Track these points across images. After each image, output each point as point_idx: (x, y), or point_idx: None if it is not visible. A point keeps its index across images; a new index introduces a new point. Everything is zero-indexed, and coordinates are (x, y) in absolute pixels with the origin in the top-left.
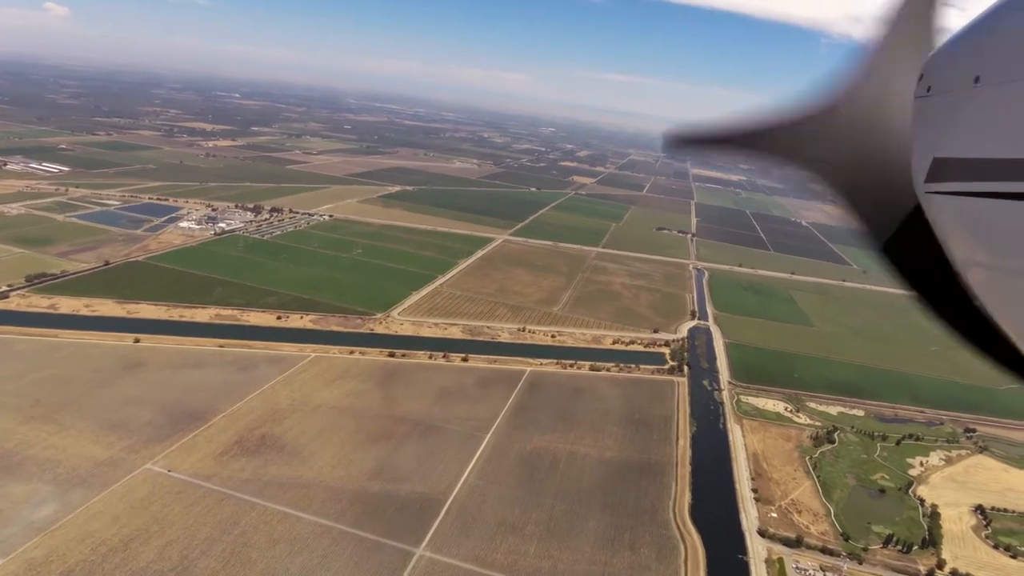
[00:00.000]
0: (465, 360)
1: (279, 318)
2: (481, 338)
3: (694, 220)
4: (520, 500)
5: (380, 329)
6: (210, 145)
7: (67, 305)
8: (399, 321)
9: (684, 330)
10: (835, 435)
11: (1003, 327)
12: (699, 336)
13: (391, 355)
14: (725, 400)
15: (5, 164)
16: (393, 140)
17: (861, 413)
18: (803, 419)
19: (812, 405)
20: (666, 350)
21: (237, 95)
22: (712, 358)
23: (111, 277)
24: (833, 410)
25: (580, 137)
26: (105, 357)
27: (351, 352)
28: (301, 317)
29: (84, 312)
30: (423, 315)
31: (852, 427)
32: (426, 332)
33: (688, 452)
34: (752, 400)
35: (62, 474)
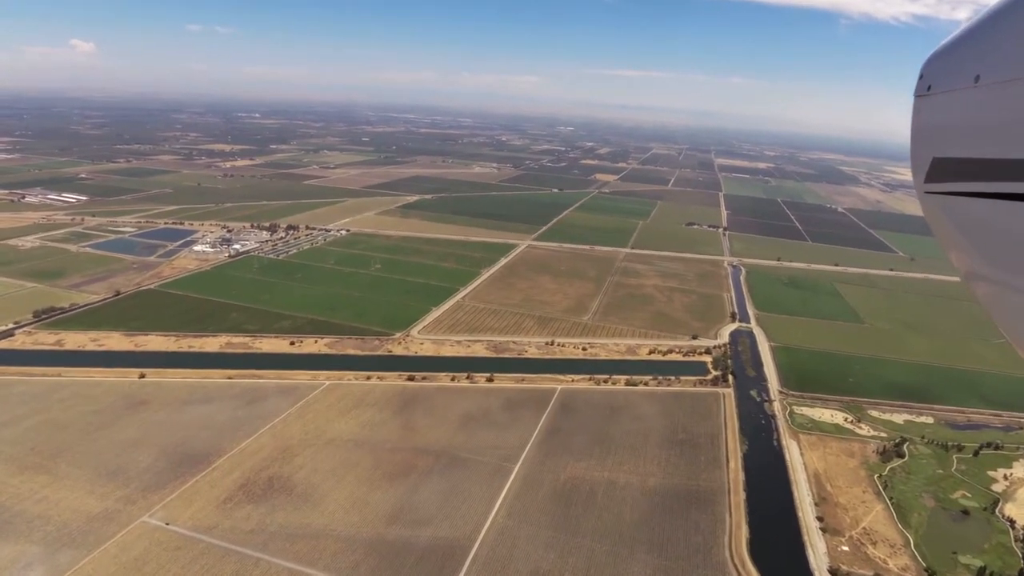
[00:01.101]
0: (490, 380)
1: (292, 343)
2: (507, 355)
3: (724, 213)
4: (555, 542)
5: (399, 350)
6: (228, 166)
7: (73, 340)
8: (419, 340)
9: (725, 334)
10: (904, 447)
11: (1000, 328)
12: (742, 340)
13: (410, 379)
14: (777, 412)
15: (23, 197)
16: (411, 149)
17: (930, 420)
18: (866, 430)
19: (874, 413)
20: (707, 358)
21: (257, 115)
22: (758, 364)
23: (121, 308)
24: (898, 418)
25: (599, 134)
26: (107, 396)
27: (368, 377)
28: (316, 341)
29: (90, 347)
30: (445, 332)
31: (922, 437)
32: (448, 351)
33: (741, 475)
34: (807, 411)
35: (52, 532)
